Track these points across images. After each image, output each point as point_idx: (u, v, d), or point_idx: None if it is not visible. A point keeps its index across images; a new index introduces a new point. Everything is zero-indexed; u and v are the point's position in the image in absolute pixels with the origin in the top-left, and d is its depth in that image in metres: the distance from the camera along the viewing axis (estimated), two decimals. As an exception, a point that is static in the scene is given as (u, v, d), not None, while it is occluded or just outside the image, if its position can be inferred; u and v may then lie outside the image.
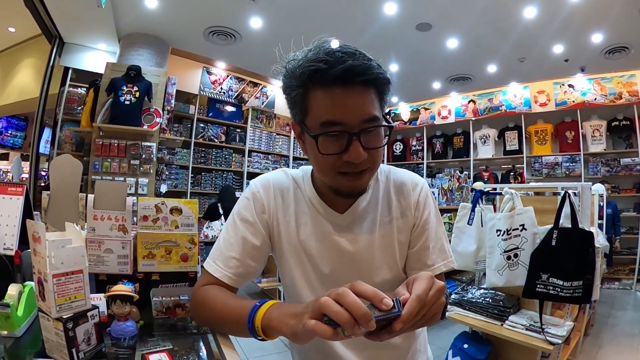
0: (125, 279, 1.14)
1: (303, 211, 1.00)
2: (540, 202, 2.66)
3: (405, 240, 1.03)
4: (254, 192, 1.01)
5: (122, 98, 4.55)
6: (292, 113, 0.89)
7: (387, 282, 1.00)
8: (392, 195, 1.03)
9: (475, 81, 7.19)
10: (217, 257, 0.99)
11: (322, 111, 0.80)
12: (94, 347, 0.93)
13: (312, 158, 0.88)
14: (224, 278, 0.97)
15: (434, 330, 4.15)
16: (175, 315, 1.10)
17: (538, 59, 5.90)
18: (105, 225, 1.21)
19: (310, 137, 0.82)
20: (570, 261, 2.20)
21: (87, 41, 5.45)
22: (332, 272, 0.99)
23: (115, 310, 1.05)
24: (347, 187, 0.88)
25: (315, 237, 0.99)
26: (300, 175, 1.04)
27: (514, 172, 7.10)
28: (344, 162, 0.82)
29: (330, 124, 0.79)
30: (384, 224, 1.01)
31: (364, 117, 0.79)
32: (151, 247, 1.18)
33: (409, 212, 1.03)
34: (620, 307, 5.16)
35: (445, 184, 4.46)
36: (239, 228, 0.99)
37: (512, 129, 7.19)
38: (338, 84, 0.77)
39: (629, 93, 6.15)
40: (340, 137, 0.80)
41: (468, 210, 2.66)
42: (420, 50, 5.85)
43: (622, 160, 6.19)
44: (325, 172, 0.87)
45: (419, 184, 1.06)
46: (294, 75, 0.83)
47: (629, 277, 6.08)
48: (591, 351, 3.67)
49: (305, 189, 1.02)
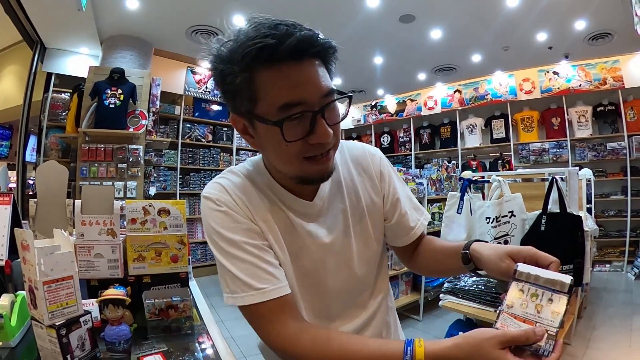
0: (116, 283, 1.14)
1: (268, 208, 0.86)
2: (528, 188, 2.69)
3: (377, 213, 0.99)
4: (218, 199, 0.83)
5: (106, 101, 4.50)
6: (233, 105, 0.77)
7: (366, 263, 0.97)
8: (352, 169, 0.97)
9: (460, 71, 7.21)
10: (245, 283, 0.78)
11: (278, 93, 0.70)
12: (88, 352, 0.93)
13: (273, 149, 0.77)
14: (281, 292, 0.79)
15: (427, 320, 4.20)
16: (169, 316, 1.10)
17: (522, 47, 5.93)
18: (93, 230, 1.21)
19: (269, 126, 0.72)
20: (560, 245, 2.23)
21: (69, 46, 5.37)
22: (313, 267, 0.90)
23: (108, 315, 1.04)
24: (317, 173, 0.80)
25: (288, 234, 0.87)
26: (251, 170, 0.90)
27: (502, 160, 7.14)
28: (310, 145, 0.74)
29: (291, 105, 0.70)
30: (353, 203, 0.95)
31: (323, 91, 0.73)
32: (141, 249, 1.17)
33: (374, 184, 0.99)
34: (612, 289, 5.23)
35: (433, 174, 4.47)
36: (237, 242, 0.80)
37: (499, 118, 7.22)
38: (289, 60, 0.69)
39: (613, 79, 6.20)
40: (303, 119, 0.72)
41: (457, 199, 2.67)
42: (404, 41, 5.84)
43: (609, 144, 6.24)
44: (291, 161, 0.76)
45: (375, 152, 1.02)
46: (233, 59, 0.71)
47: (619, 259, 6.16)
48: (585, 333, 3.72)
49: (264, 183, 0.88)
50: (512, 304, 0.70)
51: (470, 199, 2.63)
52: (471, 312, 2.48)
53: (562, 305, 0.66)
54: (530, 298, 0.69)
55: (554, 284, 0.68)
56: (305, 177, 0.80)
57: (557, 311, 0.66)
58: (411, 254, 1.06)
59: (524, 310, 0.68)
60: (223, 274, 0.81)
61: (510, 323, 0.67)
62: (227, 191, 0.84)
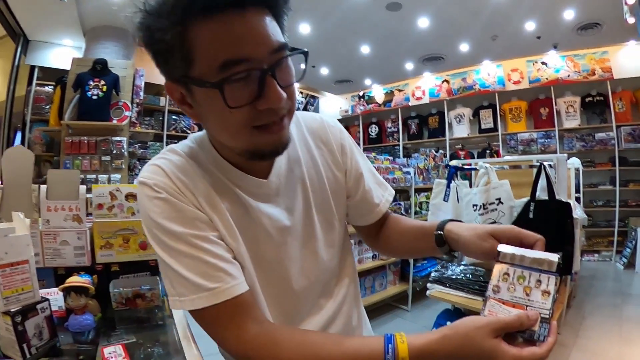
0: (82, 271, 1.09)
1: (216, 191, 0.73)
2: (516, 175, 2.66)
3: (340, 189, 0.90)
4: (156, 184, 0.68)
5: (89, 93, 4.41)
6: (167, 69, 0.64)
7: (331, 245, 0.88)
8: (311, 142, 0.87)
9: (448, 61, 7.20)
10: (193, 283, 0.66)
11: (217, 49, 0.58)
12: (46, 341, 0.89)
13: (216, 119, 0.65)
14: (236, 290, 0.67)
15: (416, 310, 4.19)
16: (136, 306, 1.05)
17: (510, 36, 5.91)
18: (59, 216, 1.15)
19: (208, 90, 0.60)
20: (548, 233, 2.16)
21: (52, 38, 5.33)
22: (274, 256, 0.79)
23: (70, 303, 1.00)
24: (270, 144, 0.67)
25: (241, 219, 0.75)
26: (194, 147, 0.77)
27: (490, 150, 7.15)
28: (260, 111, 0.62)
29: (233, 63, 0.58)
30: (313, 179, 0.85)
31: (272, 46, 0.61)
32: (108, 236, 1.12)
33: (335, 158, 0.89)
34: (601, 278, 5.27)
35: (421, 163, 4.45)
36: (181, 235, 0.67)
37: (487, 108, 7.21)
38: (229, 9, 0.57)
39: (602, 69, 6.22)
40: (249, 79, 0.60)
41: (443, 186, 2.63)
42: (391, 30, 5.80)
43: (597, 135, 6.26)
44: (238, 132, 0.64)
45: (334, 124, 0.92)
46: (162, 12, 0.58)
47: (608, 249, 6.20)
48: (575, 322, 3.73)
49: (209, 161, 0.75)
50: (498, 289, 0.65)
51: (457, 187, 2.59)
52: (459, 301, 2.45)
53: (552, 285, 0.62)
54: (517, 281, 0.64)
55: (541, 263, 0.64)
56: (256, 151, 0.68)
57: (547, 292, 0.62)
58: (376, 233, 0.99)
59: (512, 294, 0.64)
60: (167, 273, 0.68)
61: (499, 309, 0.63)
62: (166, 174, 0.70)
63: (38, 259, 1.13)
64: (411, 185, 4.16)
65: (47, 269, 1.17)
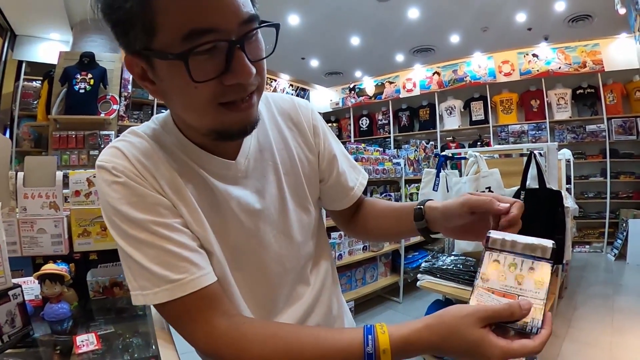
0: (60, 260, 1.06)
1: (179, 174, 0.68)
2: (506, 164, 2.65)
3: (313, 172, 0.86)
4: (115, 167, 0.63)
5: (76, 87, 4.35)
6: (126, 41, 0.58)
7: (306, 230, 0.84)
8: (281, 123, 0.83)
9: (439, 52, 7.22)
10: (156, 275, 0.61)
11: (181, 17, 0.53)
12: (19, 329, 0.86)
13: (179, 95, 0.60)
14: (203, 281, 0.63)
15: (408, 301, 4.19)
16: (114, 295, 1.03)
17: (501, 28, 5.92)
18: (36, 203, 1.12)
19: (171, 62, 0.55)
20: (539, 221, 2.18)
21: (39, 32, 5.29)
22: (245, 242, 0.75)
23: (45, 292, 0.97)
24: (237, 123, 0.63)
25: (208, 204, 0.70)
26: (157, 128, 0.72)
27: (481, 141, 7.17)
28: (227, 87, 0.58)
29: (199, 33, 0.54)
30: (285, 160, 0.81)
31: (242, 17, 0.56)
32: (85, 224, 1.09)
33: (307, 139, 0.85)
34: (592, 269, 5.30)
35: (411, 154, 4.45)
36: (142, 222, 0.62)
37: (478, 100, 7.22)
38: None
39: (593, 62, 6.23)
40: (216, 52, 0.56)
41: (433, 176, 2.61)
42: (381, 21, 5.79)
43: (588, 127, 6.28)
44: (204, 109, 0.59)
45: (305, 104, 0.88)
46: None
47: (599, 241, 6.24)
48: (567, 313, 3.75)
49: (173, 143, 0.70)
50: (487, 277, 0.60)
51: (447, 176, 2.58)
52: (450, 292, 2.43)
53: (545, 273, 0.57)
54: (508, 269, 0.59)
55: (534, 249, 0.59)
56: (222, 130, 0.63)
57: (540, 280, 0.57)
58: (350, 218, 0.96)
59: (502, 283, 0.59)
60: (128, 264, 0.63)
61: (487, 299, 0.58)
62: (125, 156, 0.64)
63: (16, 248, 1.11)
64: (401, 176, 4.15)
65: (25, 258, 1.14)
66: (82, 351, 0.78)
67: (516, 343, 0.53)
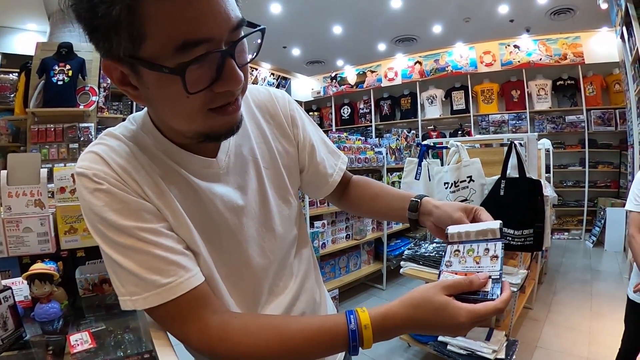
0: (47, 258, 1.05)
1: (161, 177, 0.67)
2: (486, 154, 2.70)
3: (292, 164, 0.87)
4: (96, 174, 0.62)
5: (54, 78, 4.23)
6: (107, 47, 0.54)
7: (288, 222, 0.86)
8: (259, 116, 0.83)
9: (421, 42, 7.25)
10: (144, 280, 0.62)
11: (175, 27, 0.51)
12: (12, 332, 0.85)
13: (169, 104, 0.59)
14: (192, 283, 0.64)
15: (391, 288, 4.25)
16: (103, 291, 1.02)
17: (483, 19, 5.96)
18: (21, 202, 1.10)
19: (164, 74, 0.53)
20: (519, 210, 2.23)
21: (15, 22, 5.17)
22: (230, 239, 0.75)
23: (35, 292, 0.96)
24: (224, 126, 0.63)
25: (191, 204, 0.70)
26: (135, 129, 0.70)
27: (462, 131, 7.25)
28: (216, 94, 0.58)
29: (193, 44, 0.52)
30: (265, 155, 0.81)
31: (232, 24, 0.55)
32: (72, 220, 1.08)
33: (285, 131, 0.86)
34: (570, 255, 5.44)
35: (393, 143, 4.47)
36: (127, 229, 0.62)
37: (459, 89, 7.29)
38: None
39: (573, 54, 6.34)
40: (207, 62, 0.54)
41: (415, 165, 2.64)
42: (363, 10, 5.77)
43: (567, 117, 6.42)
44: (193, 115, 0.59)
45: (282, 95, 0.88)
46: None
47: (577, 228, 6.40)
48: (546, 298, 3.86)
49: (153, 144, 0.69)
50: (450, 264, 0.71)
51: (429, 165, 2.61)
52: (432, 278, 2.46)
53: (499, 250, 0.66)
54: (467, 254, 0.70)
55: (485, 234, 0.69)
56: (211, 133, 0.63)
57: (495, 256, 0.66)
58: (340, 196, 1.00)
59: (463, 265, 0.69)
60: (115, 271, 0.63)
61: (451, 278, 0.67)
62: (105, 162, 0.63)
63: (2, 248, 1.09)
64: (383, 165, 4.18)
65: (12, 259, 1.12)
66: (77, 350, 0.78)
67: (480, 305, 0.60)
